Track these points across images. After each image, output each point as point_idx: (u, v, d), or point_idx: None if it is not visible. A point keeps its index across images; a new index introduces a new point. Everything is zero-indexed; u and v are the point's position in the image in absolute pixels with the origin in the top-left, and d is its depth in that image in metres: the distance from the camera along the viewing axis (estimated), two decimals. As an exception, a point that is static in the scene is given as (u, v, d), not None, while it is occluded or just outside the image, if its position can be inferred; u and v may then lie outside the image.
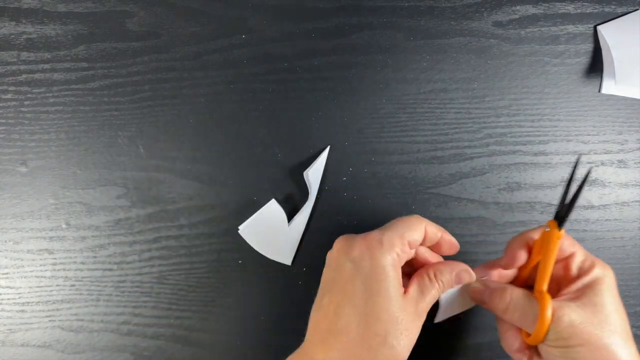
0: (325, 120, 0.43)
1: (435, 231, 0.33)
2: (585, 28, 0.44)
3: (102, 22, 0.43)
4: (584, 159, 0.44)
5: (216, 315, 0.43)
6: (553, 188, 0.43)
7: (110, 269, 0.43)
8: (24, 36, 0.43)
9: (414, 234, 0.32)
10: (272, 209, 0.41)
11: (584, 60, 0.44)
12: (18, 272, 0.43)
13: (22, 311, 0.43)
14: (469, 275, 0.33)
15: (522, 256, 0.33)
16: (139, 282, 0.43)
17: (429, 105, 0.44)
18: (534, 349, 0.32)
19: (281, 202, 0.42)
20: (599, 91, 0.44)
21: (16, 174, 0.43)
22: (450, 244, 0.35)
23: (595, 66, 0.44)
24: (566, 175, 0.44)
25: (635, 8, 0.44)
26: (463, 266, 0.33)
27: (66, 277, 0.43)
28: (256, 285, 0.43)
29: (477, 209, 0.43)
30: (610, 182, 0.44)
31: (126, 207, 0.43)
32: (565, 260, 0.32)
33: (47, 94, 0.43)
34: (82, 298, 0.43)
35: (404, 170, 0.43)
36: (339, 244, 0.32)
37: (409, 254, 0.32)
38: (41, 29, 0.43)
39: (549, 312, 0.29)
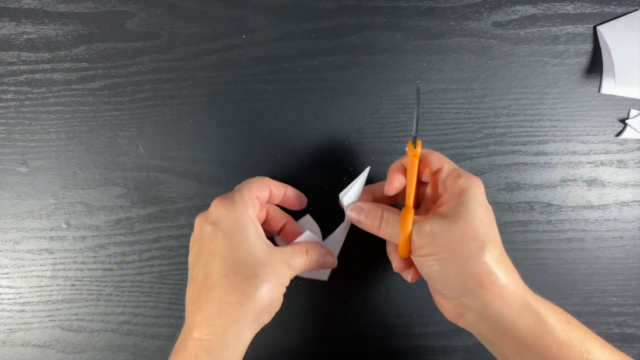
0: (325, 120, 0.43)
1: (279, 187, 0.38)
2: (585, 28, 0.44)
3: (102, 22, 0.43)
4: (583, 159, 0.44)
5: (216, 315, 0.43)
6: (553, 188, 0.43)
7: (110, 269, 0.43)
8: (24, 36, 0.43)
9: (261, 191, 0.36)
10: (307, 222, 0.41)
11: (584, 60, 0.44)
12: (18, 272, 0.43)
13: (22, 311, 0.43)
14: (332, 258, 0.38)
15: (399, 180, 0.35)
16: (139, 282, 0.43)
17: (429, 105, 0.44)
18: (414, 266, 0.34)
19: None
20: (599, 91, 0.44)
21: (16, 174, 0.43)
22: (296, 196, 0.39)
23: (595, 66, 0.44)
24: (566, 175, 0.44)
25: (635, 8, 0.44)
26: (327, 250, 0.38)
27: (66, 277, 0.43)
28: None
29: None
30: (610, 182, 0.44)
31: (126, 207, 0.43)
32: (434, 176, 0.34)
33: (48, 94, 0.43)
34: (82, 298, 0.43)
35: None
36: (197, 217, 0.35)
37: (260, 200, 0.36)
38: (41, 29, 0.43)
39: (409, 224, 0.31)
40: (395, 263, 0.36)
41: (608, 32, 0.43)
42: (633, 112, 0.44)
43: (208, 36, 0.43)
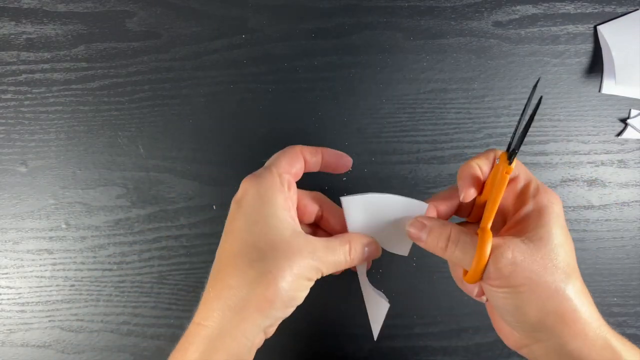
0: (325, 120, 0.43)
1: (313, 152, 0.33)
2: (585, 28, 0.44)
3: (102, 22, 0.43)
4: (583, 158, 0.44)
5: (216, 315, 0.43)
6: (553, 188, 0.43)
7: (110, 269, 0.43)
8: (24, 36, 0.43)
9: (293, 163, 0.31)
10: (353, 204, 0.33)
11: (584, 60, 0.44)
12: (18, 272, 0.43)
13: (22, 311, 0.43)
14: (377, 248, 0.32)
15: (472, 189, 0.30)
16: (139, 282, 0.43)
17: (429, 105, 0.43)
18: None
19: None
20: (599, 91, 0.44)
21: (16, 174, 0.43)
22: (336, 157, 0.34)
23: (595, 66, 0.44)
24: (567, 175, 0.44)
25: (635, 8, 0.44)
26: (371, 239, 0.32)
27: (66, 277, 0.43)
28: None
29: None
30: (610, 182, 0.44)
31: (126, 207, 0.43)
32: (509, 185, 0.29)
33: (47, 94, 0.43)
34: (82, 298, 0.42)
35: (404, 170, 0.43)
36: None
37: (294, 175, 0.32)
38: (41, 29, 0.43)
39: (487, 249, 0.27)
40: (472, 289, 0.30)
41: (608, 32, 0.43)
42: (633, 112, 0.44)
43: (208, 36, 0.43)
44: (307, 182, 0.43)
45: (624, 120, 0.44)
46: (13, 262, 0.43)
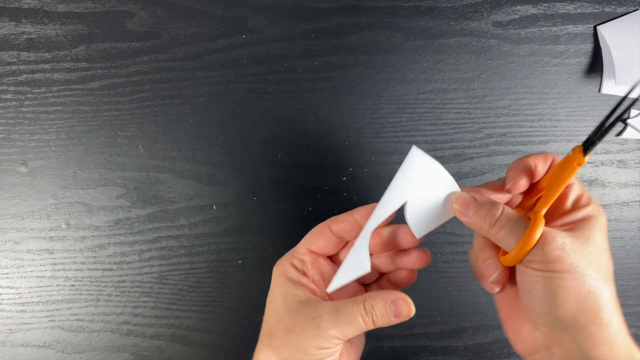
0: (325, 120, 0.43)
1: (342, 220, 0.31)
2: (585, 28, 0.44)
3: (102, 22, 0.43)
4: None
5: (216, 315, 0.43)
6: (553, 188, 0.43)
7: (110, 269, 0.43)
8: (24, 36, 0.43)
9: (315, 241, 0.31)
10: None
11: (584, 60, 0.44)
12: (18, 272, 0.43)
13: (22, 311, 0.43)
14: (406, 304, 0.29)
15: (523, 180, 0.29)
16: (139, 282, 0.43)
17: (429, 105, 0.43)
18: (509, 279, 0.29)
19: (282, 202, 0.42)
20: (599, 91, 0.44)
21: (16, 174, 0.43)
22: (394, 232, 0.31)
23: (595, 66, 0.44)
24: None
25: (635, 8, 0.44)
26: (400, 294, 0.29)
27: (66, 277, 0.43)
28: (256, 285, 0.43)
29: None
30: (610, 182, 0.44)
31: (126, 207, 0.43)
32: (565, 188, 0.29)
33: (47, 94, 0.43)
34: (82, 298, 0.43)
35: (404, 170, 0.43)
36: None
37: (317, 262, 0.31)
38: (41, 29, 0.43)
39: (538, 232, 0.26)
40: (492, 272, 0.29)
41: (608, 32, 0.43)
42: (633, 112, 0.44)
43: (208, 36, 0.43)
44: (307, 181, 0.43)
45: (623, 121, 0.44)
46: (13, 262, 0.43)
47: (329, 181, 0.43)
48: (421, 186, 0.30)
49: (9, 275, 0.43)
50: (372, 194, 0.43)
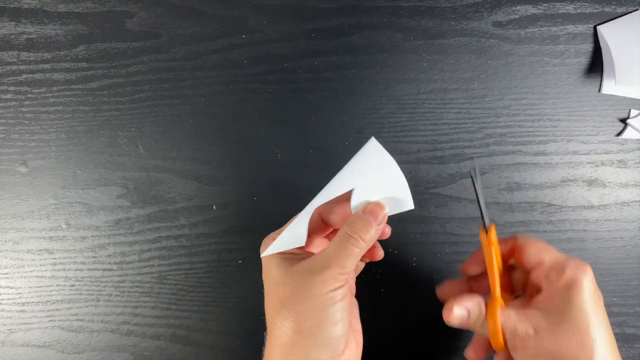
0: (325, 120, 0.43)
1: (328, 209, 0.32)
2: (585, 28, 0.44)
3: (102, 22, 0.43)
4: (583, 158, 0.44)
5: (216, 315, 0.43)
6: (553, 188, 0.43)
7: (110, 269, 0.43)
8: (24, 36, 0.43)
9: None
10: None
11: (584, 60, 0.44)
12: (18, 272, 0.43)
13: (22, 311, 0.43)
14: (377, 205, 0.29)
15: (475, 262, 0.33)
16: (139, 282, 0.43)
17: (429, 105, 0.43)
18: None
19: (282, 202, 0.42)
20: (599, 91, 0.44)
21: (16, 174, 0.43)
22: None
23: (595, 66, 0.44)
24: (567, 175, 0.44)
25: (635, 8, 0.44)
26: (368, 204, 0.29)
27: (66, 277, 0.43)
28: (256, 285, 0.43)
29: (477, 209, 0.43)
30: (610, 182, 0.44)
31: (126, 207, 0.43)
32: (536, 270, 0.31)
33: (47, 94, 0.43)
34: (82, 298, 0.43)
35: (404, 170, 0.43)
36: None
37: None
38: (41, 29, 0.43)
39: (497, 317, 0.28)
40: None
41: (608, 32, 0.43)
42: (633, 112, 0.44)
43: (208, 36, 0.43)
44: (307, 181, 0.43)
45: (623, 120, 0.44)
46: (13, 262, 0.43)
47: (329, 181, 0.43)
48: (370, 178, 0.30)
49: (9, 275, 0.43)
50: (372, 194, 0.43)
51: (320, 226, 0.33)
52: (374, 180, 0.30)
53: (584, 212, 0.43)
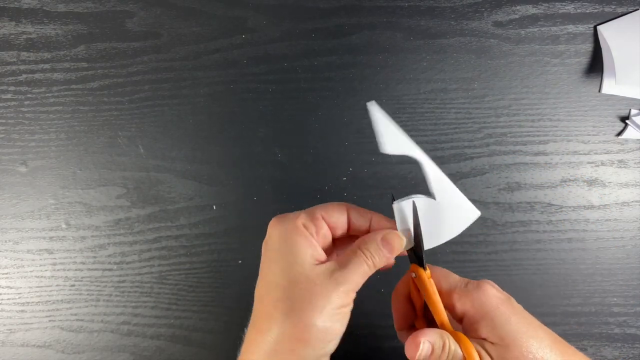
0: (325, 120, 0.43)
1: (362, 213, 0.30)
2: (585, 28, 0.44)
3: (102, 22, 0.43)
4: (583, 158, 0.44)
5: (216, 315, 0.43)
6: (553, 188, 0.43)
7: (110, 269, 0.43)
8: (24, 36, 0.43)
9: (331, 214, 0.30)
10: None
11: (584, 60, 0.44)
12: (18, 272, 0.43)
13: (22, 311, 0.43)
14: (396, 236, 0.29)
15: (408, 311, 0.32)
16: (139, 282, 0.43)
17: (429, 105, 0.43)
18: None
19: (282, 202, 0.42)
20: (599, 91, 0.44)
21: (16, 174, 0.43)
22: (387, 225, 0.30)
23: (595, 66, 0.44)
24: (567, 175, 0.44)
25: (635, 8, 0.44)
26: (387, 230, 0.29)
27: (66, 277, 0.43)
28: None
29: (477, 209, 0.43)
30: (610, 182, 0.44)
31: (126, 207, 0.43)
32: (448, 296, 0.30)
33: (47, 94, 0.43)
34: (82, 298, 0.43)
35: (404, 170, 0.43)
36: None
37: (324, 230, 0.30)
38: (41, 29, 0.43)
39: (474, 356, 0.27)
40: None
41: (608, 32, 0.43)
42: (633, 112, 0.44)
43: (208, 36, 0.43)
44: (307, 181, 0.43)
45: (624, 120, 0.44)
46: (13, 262, 0.43)
47: (329, 181, 0.43)
48: (444, 219, 0.31)
49: (9, 275, 0.43)
50: (372, 194, 0.43)
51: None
52: (441, 219, 0.31)
53: (584, 212, 0.43)
